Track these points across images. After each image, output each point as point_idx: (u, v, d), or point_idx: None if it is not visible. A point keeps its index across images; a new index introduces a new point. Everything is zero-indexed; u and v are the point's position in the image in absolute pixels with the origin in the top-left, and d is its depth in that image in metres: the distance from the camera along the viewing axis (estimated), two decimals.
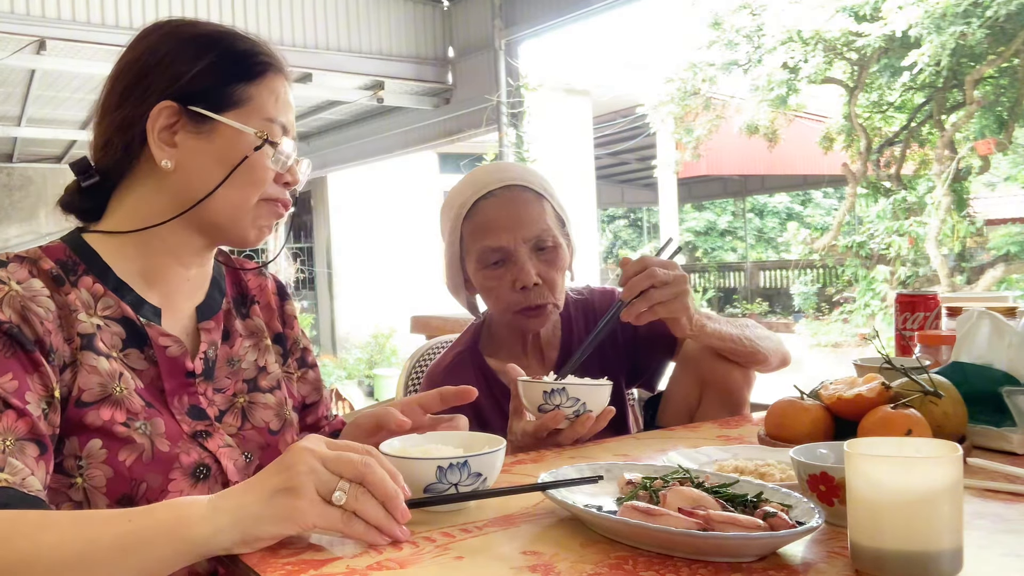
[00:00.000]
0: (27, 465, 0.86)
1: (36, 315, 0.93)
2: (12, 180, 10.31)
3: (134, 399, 0.98)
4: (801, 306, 13.87)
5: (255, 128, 1.03)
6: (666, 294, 1.30)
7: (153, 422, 0.99)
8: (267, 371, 1.16)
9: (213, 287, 1.15)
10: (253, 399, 1.12)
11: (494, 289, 1.49)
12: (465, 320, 1.72)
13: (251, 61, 1.05)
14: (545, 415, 1.22)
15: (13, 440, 0.86)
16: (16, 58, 5.27)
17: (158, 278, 1.06)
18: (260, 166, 1.04)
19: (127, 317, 1.02)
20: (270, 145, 1.04)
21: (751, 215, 20.92)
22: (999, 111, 9.63)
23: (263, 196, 1.06)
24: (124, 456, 0.96)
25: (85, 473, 0.95)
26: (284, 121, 1.07)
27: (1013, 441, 1.09)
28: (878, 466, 0.69)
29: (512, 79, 6.20)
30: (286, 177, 1.08)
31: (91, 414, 0.95)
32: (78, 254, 1.03)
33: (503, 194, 1.48)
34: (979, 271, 10.09)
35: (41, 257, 1.00)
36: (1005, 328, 1.19)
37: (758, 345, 1.45)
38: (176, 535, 0.78)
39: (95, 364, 0.96)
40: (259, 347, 1.17)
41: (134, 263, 1.05)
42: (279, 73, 1.08)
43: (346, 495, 0.79)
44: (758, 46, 10.31)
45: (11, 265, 0.96)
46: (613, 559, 0.76)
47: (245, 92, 1.04)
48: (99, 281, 1.02)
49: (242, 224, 1.06)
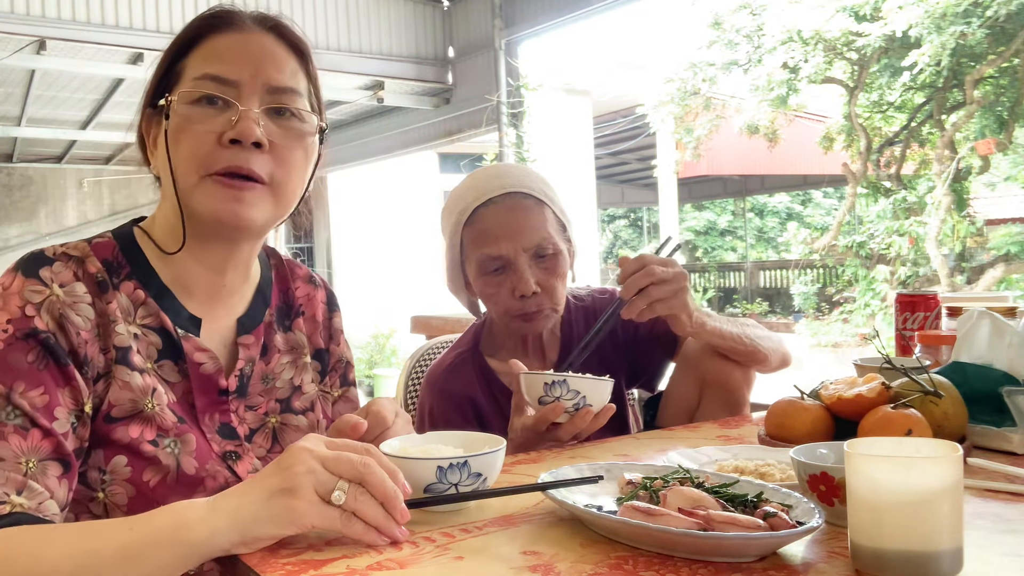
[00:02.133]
0: (48, 487, 0.86)
1: (73, 324, 0.92)
2: (12, 180, 10.31)
3: (166, 415, 0.97)
4: (801, 306, 13.86)
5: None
6: (665, 291, 1.31)
7: (184, 439, 0.97)
8: (302, 391, 1.13)
9: (257, 296, 1.11)
10: (285, 420, 1.10)
11: (493, 295, 1.49)
12: (466, 320, 1.72)
13: (187, 33, 1.01)
14: (545, 407, 1.23)
15: (36, 461, 0.86)
16: (16, 58, 5.27)
17: (193, 286, 1.04)
18: (181, 129, 0.96)
19: (165, 327, 1.00)
20: (181, 103, 0.96)
21: (751, 215, 20.92)
22: (999, 111, 9.62)
23: (208, 167, 0.96)
24: (149, 476, 0.95)
25: (108, 489, 0.94)
26: (218, 71, 0.97)
27: (1013, 441, 1.09)
28: (878, 466, 0.69)
29: (512, 79, 6.20)
30: (227, 132, 0.95)
31: (119, 430, 0.94)
32: (126, 254, 1.01)
33: (503, 201, 1.48)
34: (979, 271, 10.09)
35: (89, 256, 0.98)
36: (1005, 328, 1.19)
37: (758, 344, 1.45)
38: (176, 540, 0.77)
39: (128, 380, 0.95)
40: (296, 364, 1.13)
41: (174, 269, 1.03)
42: (222, 31, 1.00)
43: (345, 495, 0.79)
44: (758, 46, 10.31)
45: (57, 264, 0.95)
46: (613, 559, 0.76)
47: (182, 66, 1.00)
48: (141, 287, 1.00)
49: (194, 203, 0.97)
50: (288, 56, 1.03)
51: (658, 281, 1.31)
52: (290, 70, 1.02)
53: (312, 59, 1.07)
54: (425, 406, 1.56)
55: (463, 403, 1.52)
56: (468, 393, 1.53)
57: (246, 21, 1.02)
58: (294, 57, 1.04)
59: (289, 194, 1.02)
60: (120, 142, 8.90)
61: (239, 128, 0.95)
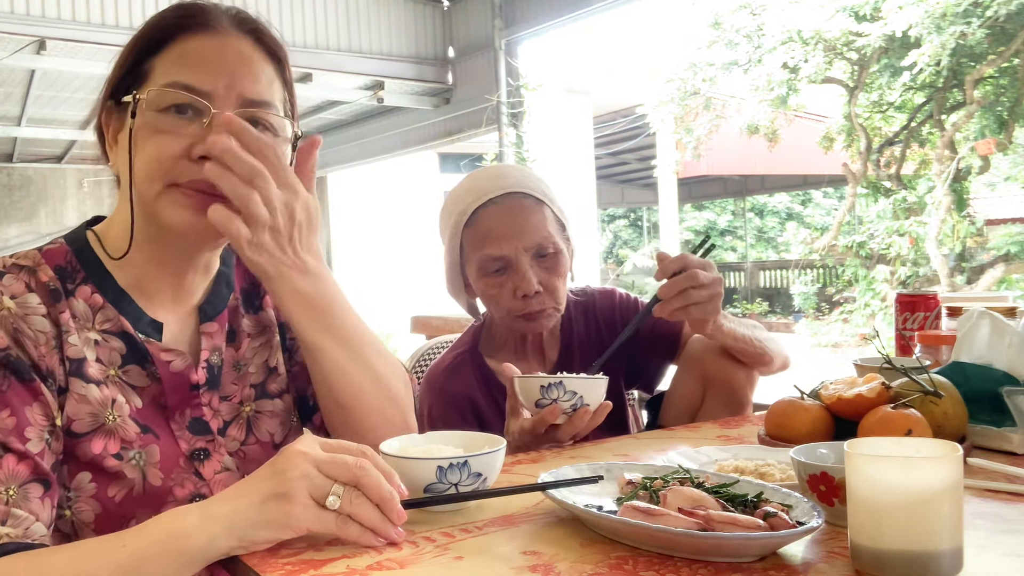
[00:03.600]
0: (31, 511, 0.84)
1: (30, 337, 0.89)
2: (12, 180, 10.31)
3: (128, 426, 0.94)
4: (801, 306, 13.86)
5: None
6: (703, 296, 1.31)
7: (148, 450, 0.94)
8: (277, 372, 1.09)
9: (219, 281, 1.06)
10: (260, 407, 1.06)
11: (495, 296, 1.49)
12: (465, 320, 1.72)
13: (157, 29, 0.95)
14: (543, 410, 1.22)
15: (16, 488, 0.84)
16: (16, 58, 5.27)
17: (151, 289, 1.00)
18: (147, 136, 0.91)
19: (126, 331, 0.96)
20: (150, 108, 0.91)
21: (751, 215, 20.92)
22: (999, 111, 9.62)
23: (173, 179, 0.91)
24: (114, 492, 0.92)
25: (74, 506, 0.92)
26: (190, 81, 0.92)
27: (1013, 441, 1.09)
28: (878, 466, 0.69)
29: (512, 79, 6.21)
30: (196, 145, 0.90)
31: (82, 446, 0.91)
32: (80, 259, 0.97)
33: (503, 202, 1.47)
34: (979, 271, 10.08)
35: (40, 265, 0.94)
36: (1005, 328, 1.19)
37: (767, 347, 1.47)
38: (173, 551, 0.77)
39: (84, 393, 0.92)
40: (270, 344, 1.09)
41: (131, 272, 0.99)
42: (195, 32, 0.94)
43: (340, 499, 0.78)
44: (758, 46, 10.31)
45: (7, 277, 0.91)
46: (613, 559, 0.76)
47: (151, 64, 0.94)
48: (98, 291, 0.96)
49: (157, 211, 0.93)
50: (265, 64, 0.97)
51: (698, 285, 1.30)
52: (266, 79, 0.96)
53: (288, 64, 1.01)
54: (424, 406, 1.56)
55: (462, 403, 1.52)
56: (467, 393, 1.53)
57: (222, 22, 0.96)
58: (271, 64, 0.98)
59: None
60: None
61: (210, 143, 0.89)
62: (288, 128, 0.98)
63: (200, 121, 0.92)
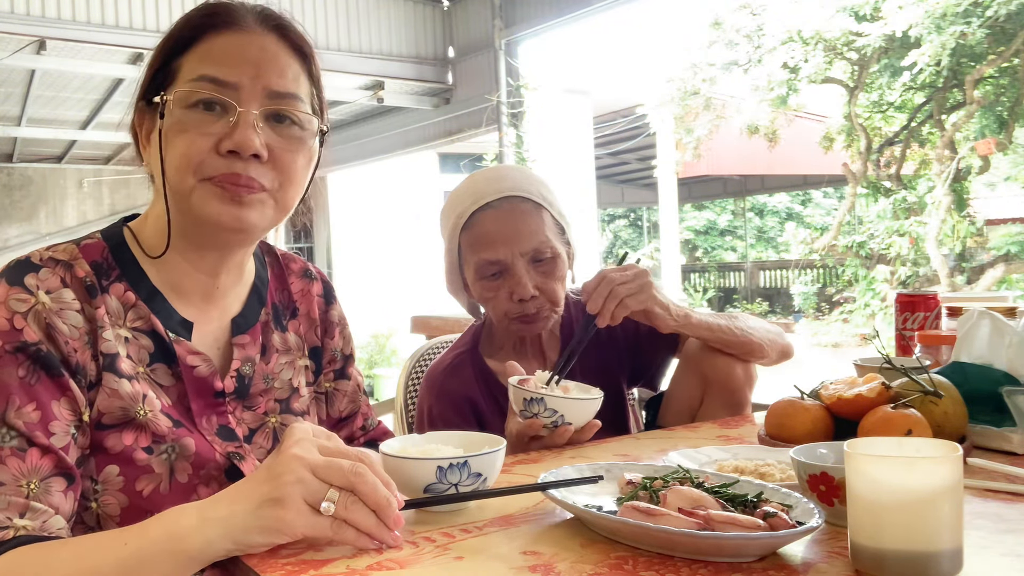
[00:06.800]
0: (52, 504, 0.85)
1: (61, 332, 0.90)
2: (12, 180, 10.31)
3: (160, 421, 0.95)
4: (801, 306, 13.87)
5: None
6: (631, 287, 1.35)
7: (182, 443, 0.95)
8: (299, 393, 1.11)
9: (252, 296, 1.09)
10: (285, 420, 1.07)
11: (492, 299, 1.49)
12: (465, 320, 1.72)
13: (185, 29, 0.97)
14: (523, 423, 1.23)
15: (38, 481, 0.85)
16: (16, 58, 5.27)
17: (185, 288, 1.02)
18: (177, 132, 0.93)
19: (156, 331, 0.98)
20: (178, 105, 0.92)
21: (751, 215, 20.92)
22: (999, 111, 9.62)
23: (203, 173, 0.93)
24: (142, 486, 0.93)
25: (100, 499, 0.93)
26: (216, 73, 0.93)
27: (1013, 441, 1.09)
28: (878, 466, 0.69)
29: (512, 79, 6.21)
30: (224, 140, 0.92)
31: (111, 438, 0.92)
32: (115, 255, 0.98)
33: (500, 205, 1.47)
34: (979, 271, 10.08)
35: (77, 259, 0.95)
36: (1005, 328, 1.19)
37: (751, 336, 1.45)
38: (172, 550, 0.77)
39: (116, 387, 0.93)
40: (294, 366, 1.11)
41: (165, 270, 1.00)
42: (221, 30, 0.96)
43: (335, 505, 0.78)
44: (758, 46, 10.31)
45: (43, 271, 0.92)
46: (613, 559, 0.76)
47: (179, 63, 0.96)
48: (131, 289, 0.98)
49: (191, 206, 0.94)
50: (291, 59, 0.99)
51: (620, 282, 1.34)
52: (292, 74, 0.98)
53: (316, 59, 1.03)
54: (424, 406, 1.56)
55: (462, 403, 1.52)
56: (467, 393, 1.53)
57: (247, 19, 0.97)
58: (297, 59, 0.99)
59: (289, 200, 0.99)
60: (120, 142, 8.91)
61: (237, 139, 0.92)
62: (315, 123, 1.00)
63: (228, 114, 0.93)
